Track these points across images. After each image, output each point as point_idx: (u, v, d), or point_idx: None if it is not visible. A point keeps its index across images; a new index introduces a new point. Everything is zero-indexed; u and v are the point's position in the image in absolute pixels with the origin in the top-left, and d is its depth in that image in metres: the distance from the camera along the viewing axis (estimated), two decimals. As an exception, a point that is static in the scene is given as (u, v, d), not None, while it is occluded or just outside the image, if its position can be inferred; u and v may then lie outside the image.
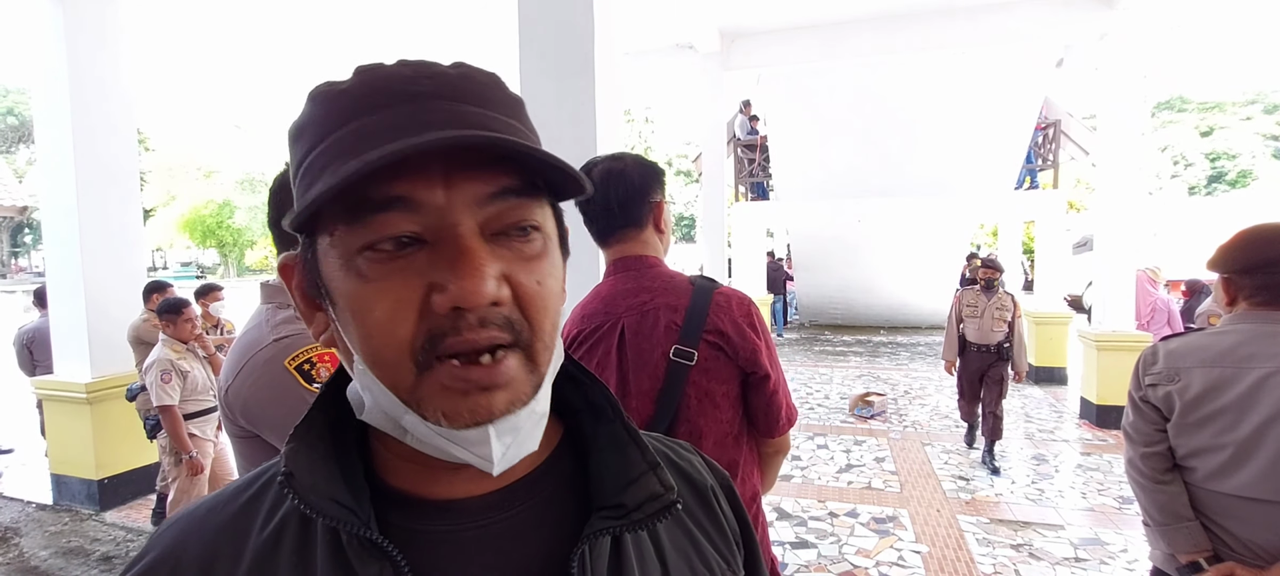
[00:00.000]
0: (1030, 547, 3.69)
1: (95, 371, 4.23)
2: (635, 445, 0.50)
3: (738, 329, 1.29)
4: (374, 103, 0.40)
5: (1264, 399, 1.38)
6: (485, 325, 0.39)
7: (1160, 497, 1.53)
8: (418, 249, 0.40)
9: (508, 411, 0.41)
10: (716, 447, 1.29)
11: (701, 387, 1.28)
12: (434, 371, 0.40)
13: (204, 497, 0.47)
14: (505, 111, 0.43)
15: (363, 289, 0.40)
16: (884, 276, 11.97)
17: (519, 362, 0.41)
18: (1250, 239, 1.49)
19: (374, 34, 6.81)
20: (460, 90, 0.42)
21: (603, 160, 1.40)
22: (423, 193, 0.39)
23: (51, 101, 4.10)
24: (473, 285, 0.38)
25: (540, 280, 0.43)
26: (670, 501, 0.48)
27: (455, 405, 0.40)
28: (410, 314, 0.39)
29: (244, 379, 1.12)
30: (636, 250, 1.40)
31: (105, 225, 4.22)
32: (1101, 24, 5.86)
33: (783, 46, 6.92)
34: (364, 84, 0.41)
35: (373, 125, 0.39)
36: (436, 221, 0.39)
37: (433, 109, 0.40)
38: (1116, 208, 5.83)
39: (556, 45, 2.79)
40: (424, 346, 0.39)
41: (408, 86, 0.41)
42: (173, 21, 6.39)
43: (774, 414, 1.33)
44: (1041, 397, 7.28)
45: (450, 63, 0.43)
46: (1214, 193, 28.12)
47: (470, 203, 0.40)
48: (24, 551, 3.82)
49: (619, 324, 1.34)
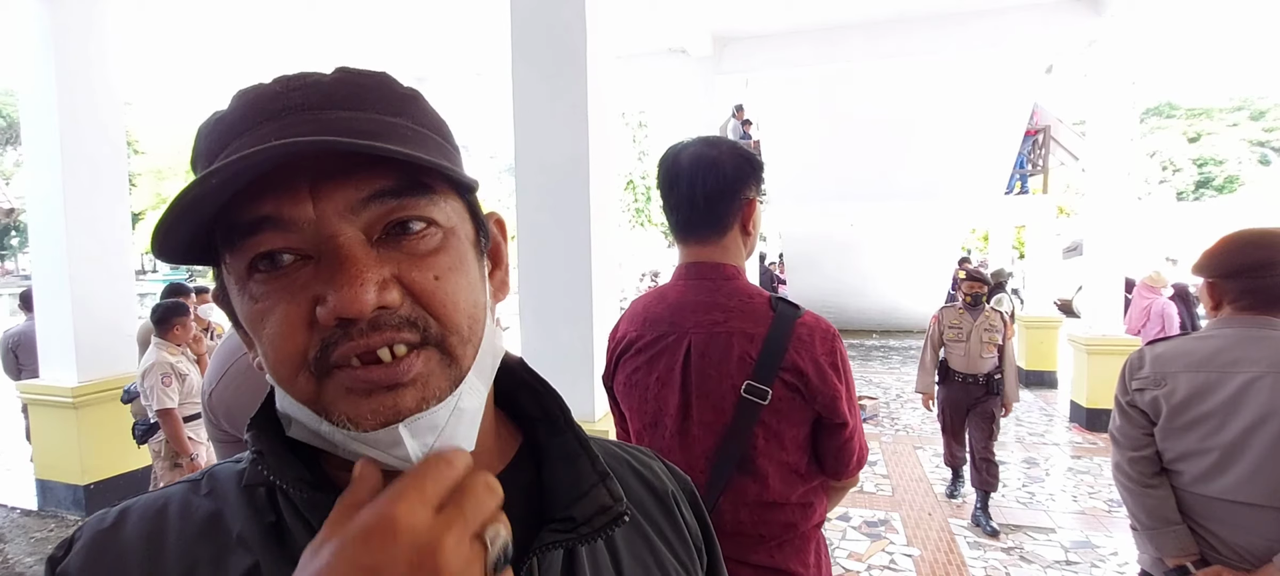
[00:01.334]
0: (1021, 550, 3.70)
1: (82, 376, 4.18)
2: (586, 455, 0.49)
3: (819, 370, 1.14)
4: (244, 124, 0.40)
5: (1249, 403, 1.39)
6: (379, 328, 0.38)
7: (1148, 501, 1.54)
8: (304, 264, 0.39)
9: (419, 408, 0.39)
10: (782, 485, 1.17)
11: (771, 428, 1.15)
12: (334, 377, 0.39)
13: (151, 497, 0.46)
14: (386, 111, 0.42)
15: (253, 309, 0.40)
16: (876, 280, 12.02)
17: (432, 358, 0.41)
18: (1235, 244, 1.50)
19: (364, 35, 6.79)
20: (331, 97, 0.41)
21: (694, 144, 1.24)
22: (289, 209, 0.38)
23: (38, 103, 4.06)
24: (350, 293, 0.37)
25: (438, 275, 0.41)
26: (619, 513, 0.47)
27: (358, 407, 0.39)
28: (300, 328, 0.39)
29: (227, 384, 1.11)
30: (715, 257, 1.24)
31: (93, 228, 4.18)
32: (1090, 30, 5.91)
33: (775, 51, 6.94)
34: (237, 107, 0.41)
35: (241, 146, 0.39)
36: (313, 234, 0.39)
37: (296, 123, 0.39)
38: (1105, 213, 5.88)
39: (549, 48, 2.80)
40: (318, 357, 0.39)
41: (273, 103, 0.40)
42: (161, 22, 6.36)
43: (845, 459, 1.20)
44: (1032, 401, 7.32)
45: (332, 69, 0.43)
46: (1202, 198, 28.41)
47: (343, 210, 0.39)
48: (9, 557, 3.77)
49: (686, 340, 1.19)
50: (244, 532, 0.43)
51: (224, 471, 0.48)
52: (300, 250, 0.39)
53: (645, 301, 1.30)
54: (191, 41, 7.05)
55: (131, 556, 0.42)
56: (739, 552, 1.16)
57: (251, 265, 0.39)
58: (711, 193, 1.20)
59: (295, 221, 0.38)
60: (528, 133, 2.85)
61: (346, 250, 0.38)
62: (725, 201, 1.21)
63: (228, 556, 0.42)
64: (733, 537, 1.17)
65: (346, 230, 0.39)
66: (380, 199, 0.40)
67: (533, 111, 2.84)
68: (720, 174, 1.20)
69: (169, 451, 3.44)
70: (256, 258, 0.39)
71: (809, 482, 1.20)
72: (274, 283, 0.39)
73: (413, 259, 0.41)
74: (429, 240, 0.42)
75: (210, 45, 7.15)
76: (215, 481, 0.47)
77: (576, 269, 2.86)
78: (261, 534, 0.43)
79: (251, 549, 0.42)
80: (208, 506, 0.45)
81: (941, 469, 5.07)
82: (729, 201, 1.22)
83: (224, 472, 0.48)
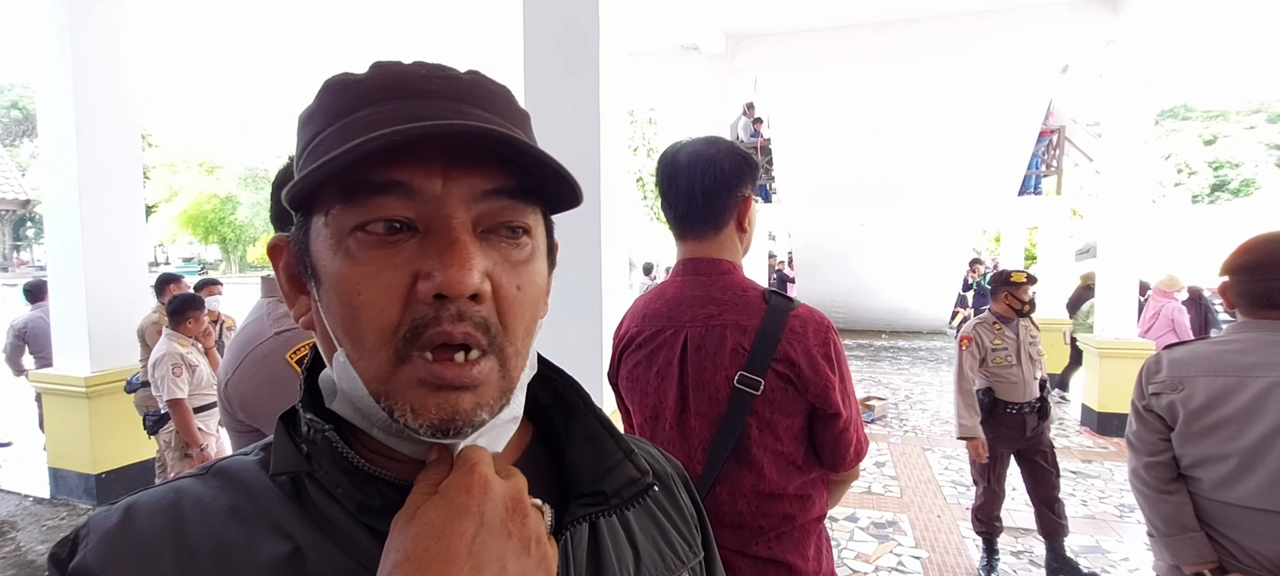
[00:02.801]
0: (1031, 554, 3.67)
1: (95, 365, 4.22)
2: (609, 435, 0.51)
3: (811, 361, 1.16)
4: (385, 94, 0.41)
5: (1269, 408, 1.37)
6: (463, 319, 0.40)
7: (1165, 508, 1.52)
8: (409, 236, 0.40)
9: (472, 414, 0.41)
10: (778, 475, 1.19)
11: (764, 418, 1.18)
12: (411, 364, 0.40)
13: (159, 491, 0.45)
14: (512, 121, 0.45)
15: (352, 270, 0.40)
16: (886, 281, 11.97)
17: (492, 368, 0.42)
18: (1256, 247, 1.48)
19: (378, 32, 6.81)
20: (470, 94, 0.43)
21: (694, 143, 1.27)
22: (421, 180, 0.40)
23: (54, 95, 4.10)
24: (458, 274, 0.38)
25: (520, 285, 0.43)
26: (647, 484, 0.49)
27: (424, 400, 0.40)
28: (396, 299, 0.40)
29: (244, 373, 1.11)
30: (711, 253, 1.27)
31: (107, 220, 4.22)
32: (1107, 30, 5.84)
33: (788, 49, 6.91)
34: (378, 76, 0.42)
35: (382, 114, 0.40)
36: (430, 210, 0.40)
37: (441, 107, 0.41)
38: (1119, 215, 5.82)
39: (561, 45, 2.79)
40: (406, 336, 0.39)
41: (420, 83, 0.42)
42: (177, 17, 6.39)
43: (841, 451, 1.22)
44: (1042, 404, 7.25)
45: (465, 70, 0.44)
46: (1217, 201, 28.09)
47: (465, 197, 0.41)
48: (20, 545, 3.81)
49: (683, 334, 1.23)
50: (278, 518, 0.43)
51: (236, 463, 0.47)
52: (413, 222, 0.40)
53: (646, 298, 1.34)
54: (204, 37, 7.08)
55: (155, 546, 0.41)
56: (739, 544, 1.19)
57: (357, 226, 0.40)
58: (709, 189, 1.24)
59: (423, 193, 0.40)
60: (539, 131, 2.83)
61: (459, 232, 0.40)
62: (722, 198, 1.24)
63: (260, 540, 0.42)
64: (733, 529, 1.19)
65: (462, 214, 0.41)
66: (498, 195, 0.42)
67: (544, 110, 2.83)
68: (718, 171, 1.23)
69: (179, 441, 3.47)
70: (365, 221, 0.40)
71: (806, 474, 1.22)
72: (380, 249, 0.40)
73: (505, 263, 0.43)
74: (522, 249, 0.44)
75: (222, 41, 7.19)
76: (226, 474, 0.46)
77: (587, 267, 2.86)
78: (300, 519, 0.43)
79: (288, 534, 0.42)
80: (226, 495, 0.44)
81: (950, 470, 5.02)
82: (726, 198, 1.25)
83: (236, 464, 0.47)
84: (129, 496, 0.45)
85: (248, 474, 0.46)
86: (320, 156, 0.40)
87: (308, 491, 0.44)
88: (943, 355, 10.60)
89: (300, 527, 0.43)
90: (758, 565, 1.19)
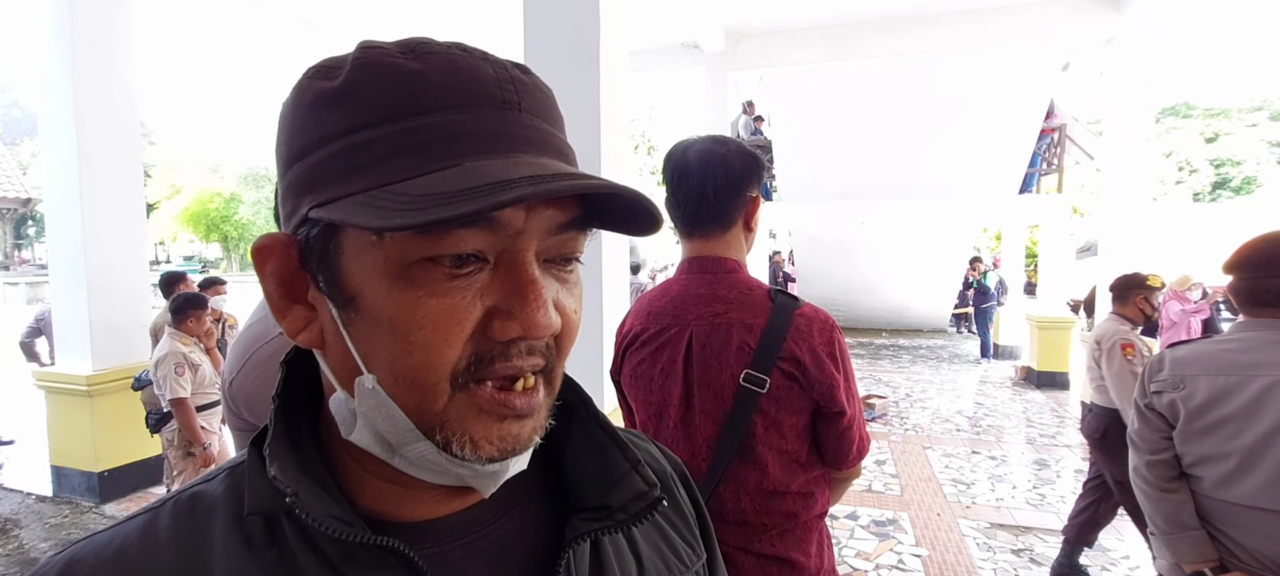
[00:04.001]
0: (1031, 553, 3.67)
1: (97, 364, 4.22)
2: (615, 445, 0.49)
3: (816, 359, 1.16)
4: (456, 98, 0.37)
5: (1269, 407, 1.37)
6: (532, 353, 0.39)
7: (1166, 506, 1.52)
8: (478, 268, 0.37)
9: (530, 440, 0.40)
10: (782, 473, 1.20)
11: (770, 416, 1.18)
12: (470, 392, 0.38)
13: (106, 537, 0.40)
14: (562, 128, 0.43)
15: (417, 302, 0.36)
16: (886, 279, 11.97)
17: (544, 392, 0.41)
18: (1258, 247, 1.48)
19: (375, 33, 6.81)
20: (538, 104, 0.40)
21: (702, 141, 1.27)
22: (509, 214, 0.37)
23: (55, 93, 4.09)
24: (541, 317, 0.37)
25: (575, 310, 0.43)
26: (655, 499, 0.47)
27: (488, 430, 0.38)
28: (463, 336, 0.37)
29: (249, 372, 1.11)
30: (717, 251, 1.27)
31: (108, 218, 4.22)
32: (1109, 28, 5.84)
33: (789, 47, 6.91)
34: (441, 71, 0.37)
35: (460, 124, 0.37)
36: (506, 243, 0.38)
37: (524, 123, 0.39)
38: (1120, 213, 5.81)
39: (562, 42, 2.79)
40: (467, 368, 0.37)
41: (492, 89, 0.38)
42: (180, 14, 6.39)
43: (844, 449, 1.22)
44: (1043, 402, 7.26)
45: (512, 63, 0.41)
46: (1218, 199, 28.05)
47: (541, 230, 0.39)
48: (24, 543, 3.82)
49: (687, 332, 1.23)
50: (233, 572, 0.38)
51: (206, 497, 0.42)
52: (484, 253, 0.38)
53: (650, 296, 1.34)
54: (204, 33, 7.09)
55: None
56: (742, 541, 1.19)
57: (427, 256, 0.36)
58: (720, 188, 1.23)
59: (507, 227, 0.37)
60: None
61: (532, 270, 0.38)
62: (732, 197, 1.24)
63: None
64: (736, 526, 1.20)
65: (533, 248, 0.39)
66: (569, 228, 0.40)
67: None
68: (728, 170, 1.23)
69: (182, 440, 3.48)
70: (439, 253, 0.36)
71: (810, 472, 1.23)
72: (450, 282, 0.37)
73: (563, 289, 0.42)
74: (576, 274, 0.44)
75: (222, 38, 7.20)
76: (193, 508, 0.41)
77: (587, 266, 2.85)
78: (256, 569, 0.38)
79: None
80: (175, 546, 0.39)
81: (951, 468, 5.04)
82: (735, 197, 1.25)
83: (206, 499, 0.42)
84: (79, 542, 0.40)
85: (215, 512, 0.41)
86: (375, 158, 0.36)
87: (285, 531, 0.40)
88: (943, 354, 10.61)
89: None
90: (760, 562, 1.19)
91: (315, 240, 0.38)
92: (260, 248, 0.40)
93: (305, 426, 0.43)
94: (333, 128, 0.37)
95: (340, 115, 0.37)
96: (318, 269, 0.39)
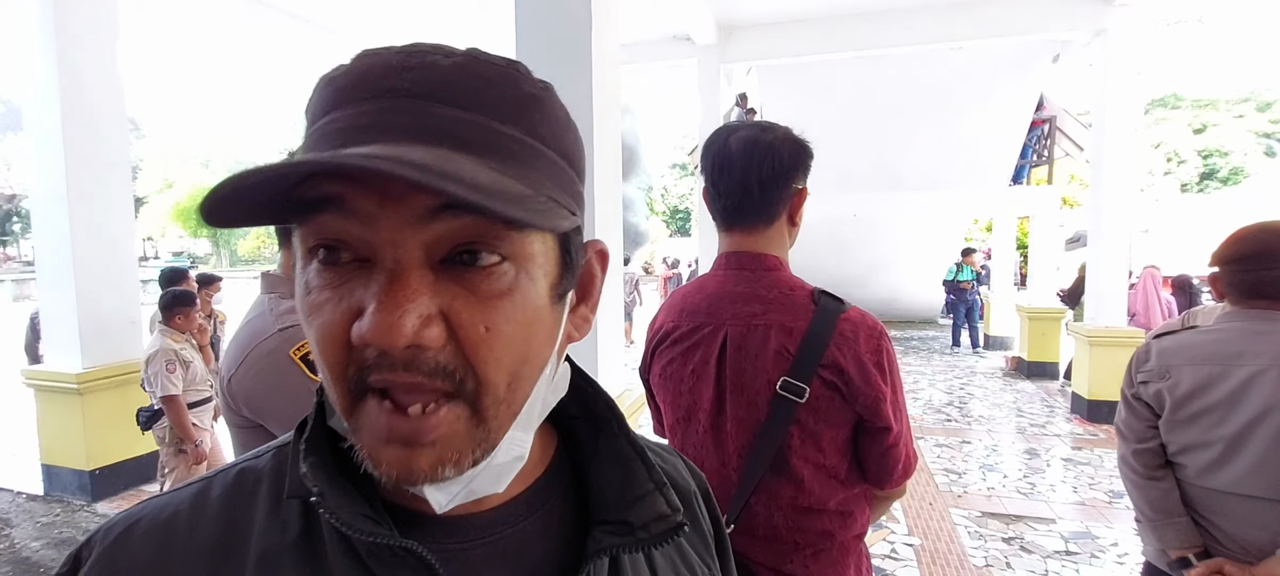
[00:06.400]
0: (1021, 541, 3.71)
1: (86, 361, 4.19)
2: (641, 462, 0.47)
3: (861, 369, 1.07)
4: (352, 95, 0.36)
5: (1252, 396, 1.39)
6: (410, 369, 0.34)
7: (1152, 494, 1.54)
8: (359, 267, 0.35)
9: (432, 474, 0.35)
10: (819, 488, 1.11)
11: (807, 427, 1.09)
12: (365, 403, 0.35)
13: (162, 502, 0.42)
14: (499, 115, 0.37)
15: (307, 299, 0.36)
16: (878, 271, 12.01)
17: (459, 417, 0.36)
18: (1245, 238, 1.50)
19: (371, 21, 6.76)
20: (444, 87, 0.36)
21: (745, 127, 1.18)
22: (355, 197, 0.34)
23: (40, 87, 4.04)
24: (385, 320, 0.32)
25: (489, 325, 0.36)
26: (676, 523, 0.45)
27: (378, 452, 0.35)
28: (339, 338, 0.35)
29: (247, 369, 1.11)
30: (758, 247, 1.18)
31: (96, 213, 4.18)
32: (1098, 20, 5.87)
33: (780, 38, 6.90)
34: (352, 72, 0.37)
35: (343, 119, 0.36)
36: (371, 234, 0.34)
37: (397, 109, 0.35)
38: (1109, 204, 5.86)
39: (553, 35, 2.78)
40: (356, 376, 0.35)
41: (384, 78, 0.36)
42: (169, 7, 6.33)
43: (889, 467, 1.12)
44: (1033, 392, 7.32)
45: (463, 50, 0.38)
46: (1206, 190, 28.28)
47: (409, 218, 0.34)
48: (15, 542, 3.80)
49: (722, 332, 1.14)
50: (266, 550, 0.39)
51: (251, 472, 0.44)
52: (356, 247, 0.35)
53: (685, 292, 1.26)
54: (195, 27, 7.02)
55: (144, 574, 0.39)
56: (773, 560, 1.12)
57: (312, 250, 0.36)
58: (765, 179, 1.15)
59: (358, 211, 0.34)
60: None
61: (399, 267, 0.34)
62: (777, 189, 1.16)
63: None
64: (766, 543, 1.12)
65: (409, 241, 0.34)
66: (455, 212, 0.34)
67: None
68: (775, 160, 1.15)
69: (173, 437, 3.46)
70: (315, 244, 0.35)
71: (849, 489, 1.14)
72: (330, 277, 0.35)
73: (470, 298, 0.35)
74: (497, 280, 0.36)
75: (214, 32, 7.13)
76: (241, 483, 0.43)
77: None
78: (288, 551, 0.40)
79: (275, 569, 0.39)
80: (221, 517, 0.41)
81: (944, 457, 5.08)
82: (781, 189, 1.17)
83: (251, 474, 0.44)
84: (143, 504, 0.42)
85: (258, 489, 0.43)
86: None
87: (318, 516, 0.40)
88: (934, 344, 10.67)
89: (294, 562, 0.39)
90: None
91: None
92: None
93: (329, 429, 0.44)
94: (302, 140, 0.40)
95: (306, 128, 0.39)
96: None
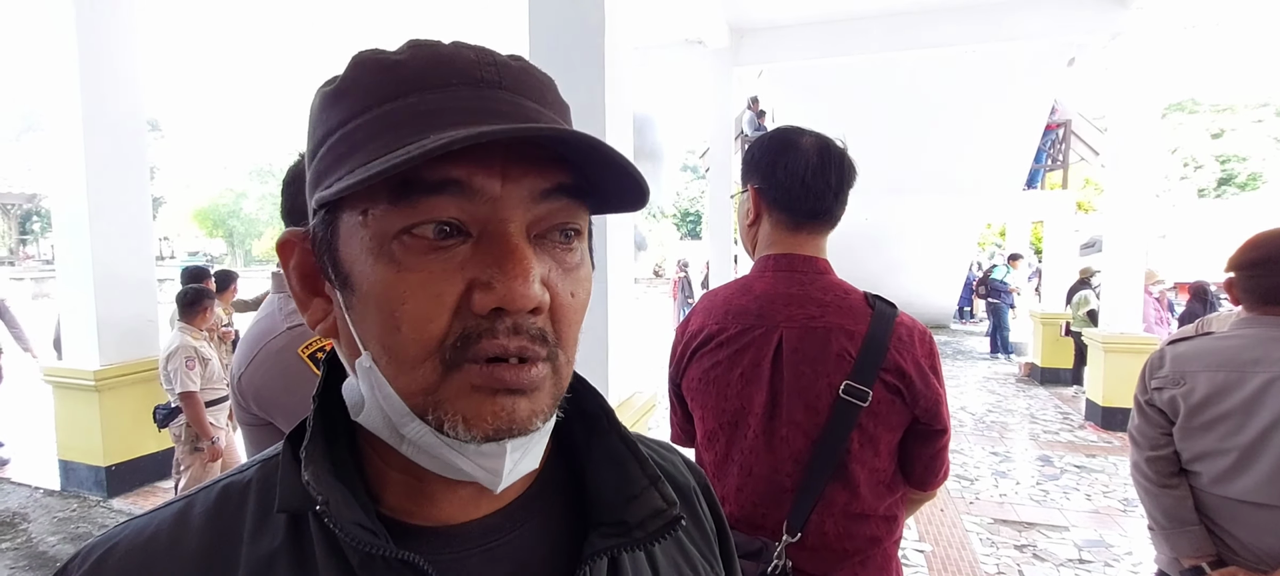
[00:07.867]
0: (1034, 548, 3.68)
1: (104, 359, 4.25)
2: (634, 459, 0.47)
3: (921, 372, 1.08)
4: (432, 79, 0.38)
5: (1268, 403, 1.37)
6: (519, 332, 0.37)
7: (1165, 501, 1.53)
8: (459, 241, 0.37)
9: (528, 422, 0.38)
10: (871, 494, 1.10)
11: (867, 432, 1.08)
12: (462, 370, 0.37)
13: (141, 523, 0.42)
14: (560, 114, 0.42)
15: (397, 277, 0.36)
16: (890, 274, 11.94)
17: (547, 374, 0.39)
18: (1261, 243, 1.49)
19: (384, 24, 6.81)
20: (521, 84, 0.40)
21: (812, 133, 1.20)
22: (480, 179, 0.36)
23: (61, 88, 4.11)
24: (522, 287, 0.36)
25: (574, 292, 0.40)
26: (673, 518, 0.45)
27: (480, 407, 0.37)
28: (445, 310, 0.36)
29: (257, 367, 1.13)
30: (812, 250, 1.18)
31: (114, 214, 4.24)
32: (1115, 23, 5.81)
33: (792, 42, 6.89)
34: (423, 59, 0.38)
35: (433, 102, 0.37)
36: (486, 213, 0.37)
37: (496, 98, 0.38)
38: (1125, 209, 5.80)
39: (566, 38, 2.79)
40: (455, 344, 0.36)
41: (470, 70, 0.38)
42: (191, 8, 6.41)
43: (936, 468, 1.14)
44: (1047, 398, 7.25)
45: (509, 55, 0.41)
46: (1224, 195, 27.93)
47: (524, 198, 0.37)
48: (32, 537, 3.86)
49: (776, 334, 1.12)
50: (256, 564, 0.39)
51: (235, 487, 0.43)
52: (463, 225, 0.37)
53: (726, 293, 1.22)
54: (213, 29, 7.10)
55: None
56: (821, 569, 1.10)
57: (404, 229, 0.36)
58: (839, 187, 1.17)
59: (481, 193, 0.36)
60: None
61: (517, 239, 0.37)
62: (844, 197, 1.20)
63: None
64: (814, 552, 1.10)
65: (520, 217, 0.37)
66: (557, 195, 0.38)
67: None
68: (848, 169, 1.19)
69: (190, 435, 3.50)
70: (414, 223, 0.36)
71: (894, 493, 1.15)
72: (430, 254, 0.36)
73: (560, 269, 0.40)
74: (576, 253, 0.41)
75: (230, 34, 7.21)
76: (226, 499, 0.43)
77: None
78: (278, 564, 0.40)
79: None
80: (206, 534, 0.41)
81: (956, 463, 5.00)
82: (846, 198, 1.20)
83: (235, 489, 0.43)
84: (122, 526, 0.42)
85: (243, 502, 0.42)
86: (357, 145, 0.37)
87: (309, 530, 0.40)
88: (947, 349, 10.60)
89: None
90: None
91: (320, 230, 0.40)
92: (283, 243, 0.43)
93: (341, 425, 0.44)
94: (331, 125, 0.39)
95: (336, 112, 0.39)
96: (325, 257, 0.40)
